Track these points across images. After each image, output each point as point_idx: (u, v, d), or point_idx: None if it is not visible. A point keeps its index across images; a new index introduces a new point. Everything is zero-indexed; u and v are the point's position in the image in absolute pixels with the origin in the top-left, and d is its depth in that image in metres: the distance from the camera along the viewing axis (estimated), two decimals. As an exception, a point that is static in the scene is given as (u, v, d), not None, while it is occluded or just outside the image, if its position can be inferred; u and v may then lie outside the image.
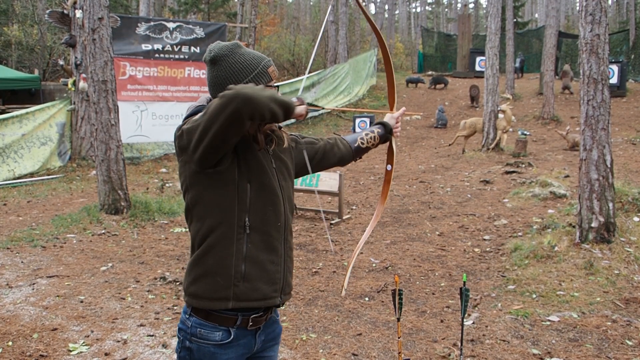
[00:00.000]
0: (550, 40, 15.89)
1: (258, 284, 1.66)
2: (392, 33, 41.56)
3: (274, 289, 1.70)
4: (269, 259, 1.68)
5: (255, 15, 15.80)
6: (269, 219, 1.68)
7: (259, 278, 1.66)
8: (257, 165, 1.68)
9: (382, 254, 5.74)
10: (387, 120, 2.17)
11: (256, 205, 1.66)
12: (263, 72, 1.68)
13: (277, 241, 1.71)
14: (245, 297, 1.64)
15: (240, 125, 1.47)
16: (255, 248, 1.66)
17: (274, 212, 1.69)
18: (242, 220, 1.64)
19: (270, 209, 1.68)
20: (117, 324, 3.94)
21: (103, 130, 7.17)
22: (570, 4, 44.16)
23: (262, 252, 1.67)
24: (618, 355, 3.38)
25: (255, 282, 1.65)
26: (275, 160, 1.77)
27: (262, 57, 1.73)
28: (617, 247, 4.93)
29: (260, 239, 1.67)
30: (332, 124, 17.48)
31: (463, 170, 10.19)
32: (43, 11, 18.97)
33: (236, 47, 1.70)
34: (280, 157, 1.80)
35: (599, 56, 5.01)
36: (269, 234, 1.68)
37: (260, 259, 1.67)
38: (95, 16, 7.07)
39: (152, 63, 12.61)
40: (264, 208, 1.67)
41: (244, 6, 20.19)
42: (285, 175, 1.79)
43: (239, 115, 1.44)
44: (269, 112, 1.48)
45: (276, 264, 1.71)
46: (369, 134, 2.12)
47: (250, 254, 1.65)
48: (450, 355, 3.44)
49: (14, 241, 6.08)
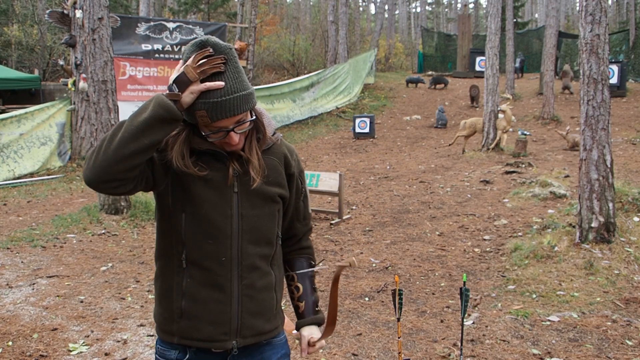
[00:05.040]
0: (550, 40, 15.89)
1: (200, 324, 1.48)
2: (392, 33, 41.56)
3: (222, 331, 1.49)
4: (213, 297, 1.48)
5: (255, 15, 15.81)
6: (208, 253, 1.47)
7: (200, 317, 1.48)
8: (197, 191, 1.47)
9: (382, 254, 5.74)
10: (302, 335, 1.68)
11: (193, 238, 1.47)
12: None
13: (223, 278, 1.48)
14: (189, 335, 1.50)
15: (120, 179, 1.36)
16: (195, 284, 1.48)
17: (214, 246, 1.47)
18: (179, 252, 1.49)
19: (209, 242, 1.47)
20: (117, 324, 3.94)
21: (103, 130, 7.16)
22: (570, 4, 44.15)
23: (204, 289, 1.48)
24: (618, 355, 3.38)
25: (195, 320, 1.49)
26: (242, 184, 1.51)
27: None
28: (617, 247, 4.93)
29: (200, 274, 1.48)
30: (332, 124, 17.48)
31: (463, 170, 10.19)
32: (43, 11, 18.97)
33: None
34: (252, 179, 1.51)
35: (599, 56, 5.01)
36: (210, 270, 1.47)
37: (201, 296, 1.48)
38: (95, 16, 7.07)
39: (152, 63, 12.62)
40: (201, 241, 1.47)
41: (244, 6, 20.19)
42: (255, 201, 1.52)
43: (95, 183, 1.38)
44: (126, 158, 1.32)
45: (223, 303, 1.48)
46: (297, 297, 1.71)
47: (189, 289, 1.48)
48: (450, 355, 3.44)
49: (14, 241, 6.07)
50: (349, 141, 15.22)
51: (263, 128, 1.56)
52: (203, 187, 1.47)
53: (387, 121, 17.62)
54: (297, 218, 1.70)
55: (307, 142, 15.28)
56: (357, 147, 14.43)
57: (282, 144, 1.62)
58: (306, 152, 13.95)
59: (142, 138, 1.33)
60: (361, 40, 33.61)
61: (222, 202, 1.48)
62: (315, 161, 12.74)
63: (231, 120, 1.43)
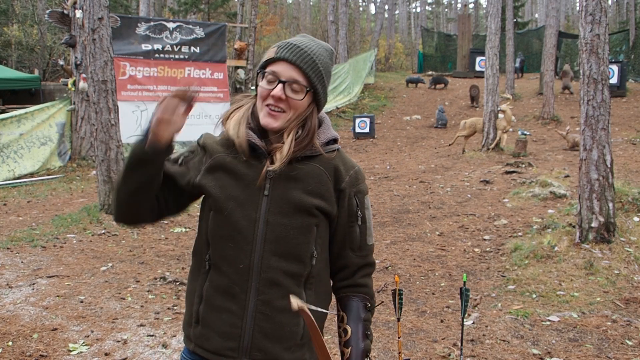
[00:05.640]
0: (550, 40, 15.89)
1: (211, 333, 1.39)
2: (392, 33, 41.57)
3: (229, 347, 1.37)
4: (226, 307, 1.37)
5: (255, 15, 15.80)
6: (228, 257, 1.38)
7: (212, 326, 1.39)
8: (226, 186, 1.40)
9: (382, 254, 5.74)
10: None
11: (215, 239, 1.39)
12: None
13: (239, 287, 1.37)
14: (200, 343, 1.41)
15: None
16: (213, 289, 1.39)
17: (234, 250, 1.37)
18: (205, 252, 1.42)
19: (230, 245, 1.38)
20: (117, 324, 3.94)
21: (103, 130, 7.16)
22: (570, 4, 44.16)
23: (220, 296, 1.38)
24: (618, 355, 3.38)
25: (208, 329, 1.39)
26: (276, 188, 1.39)
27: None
28: (617, 247, 4.93)
29: (219, 279, 1.39)
30: (332, 124, 17.45)
31: (463, 170, 10.18)
32: (43, 11, 18.97)
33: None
34: (289, 185, 1.39)
35: (599, 56, 5.01)
36: (228, 276, 1.38)
37: (215, 304, 1.39)
38: (95, 16, 7.07)
39: (152, 63, 12.62)
40: (223, 242, 1.39)
41: (244, 6, 20.20)
42: (287, 209, 1.38)
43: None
44: (128, 193, 1.40)
45: (236, 316, 1.37)
46: (347, 343, 1.45)
47: (207, 294, 1.40)
48: (450, 355, 3.44)
49: (14, 241, 6.08)
50: (349, 141, 15.23)
51: (311, 129, 1.44)
52: (233, 183, 1.40)
53: (387, 121, 17.62)
54: (350, 246, 1.48)
55: (307, 142, 15.26)
56: (357, 147, 14.43)
57: (338, 157, 1.49)
58: (306, 152, 13.94)
59: (128, 183, 1.39)
60: (361, 40, 33.63)
61: (249, 204, 1.38)
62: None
63: (290, 69, 1.38)
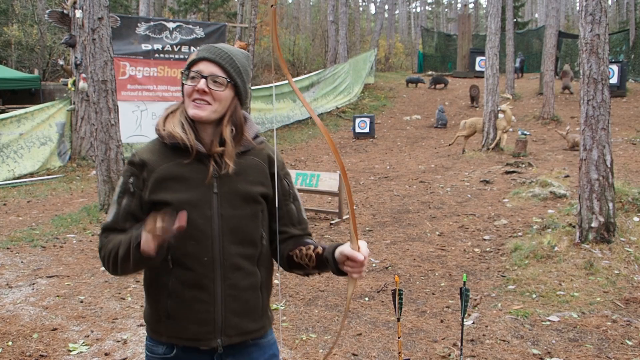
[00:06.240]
0: (550, 40, 15.89)
1: (185, 323, 1.53)
2: (392, 33, 41.57)
3: (206, 330, 1.52)
4: (197, 298, 1.51)
5: (255, 15, 15.79)
6: (191, 253, 1.50)
7: (185, 317, 1.52)
8: (177, 192, 1.51)
9: (382, 254, 5.74)
10: (342, 250, 1.51)
11: (176, 239, 1.43)
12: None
13: (207, 278, 1.51)
14: (175, 334, 1.55)
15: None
16: (180, 284, 1.51)
17: (197, 247, 1.50)
18: (166, 252, 1.50)
19: (191, 242, 1.50)
20: (117, 324, 3.94)
21: (103, 130, 7.16)
22: (570, 4, 44.16)
23: (188, 290, 1.51)
24: (618, 355, 3.38)
25: (181, 321, 1.53)
26: (223, 184, 1.53)
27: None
28: (617, 247, 4.93)
29: (185, 274, 1.51)
30: (332, 124, 17.48)
31: (463, 170, 10.18)
32: (43, 11, 18.96)
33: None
34: (234, 180, 1.54)
35: (599, 56, 5.01)
36: (194, 270, 1.50)
37: (186, 297, 1.51)
38: (95, 16, 7.07)
39: (152, 63, 12.61)
40: (183, 241, 1.48)
41: (244, 6, 20.18)
42: (236, 202, 1.53)
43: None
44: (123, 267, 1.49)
45: (207, 303, 1.51)
46: (310, 248, 1.58)
47: (174, 290, 1.52)
48: (450, 355, 3.44)
49: (14, 241, 6.08)
50: (349, 141, 15.23)
51: (239, 123, 1.58)
52: (183, 188, 1.52)
53: (387, 121, 17.62)
54: (291, 222, 1.65)
55: (307, 142, 15.28)
56: (357, 147, 14.43)
57: (266, 147, 1.65)
58: (306, 152, 13.96)
59: (128, 270, 1.51)
60: (361, 40, 33.63)
61: (202, 203, 1.51)
62: (315, 161, 12.74)
63: (211, 66, 1.52)
